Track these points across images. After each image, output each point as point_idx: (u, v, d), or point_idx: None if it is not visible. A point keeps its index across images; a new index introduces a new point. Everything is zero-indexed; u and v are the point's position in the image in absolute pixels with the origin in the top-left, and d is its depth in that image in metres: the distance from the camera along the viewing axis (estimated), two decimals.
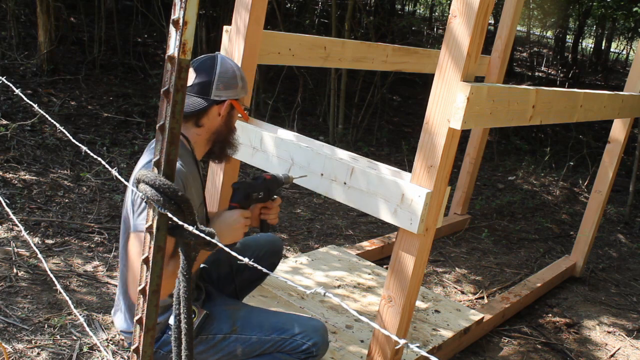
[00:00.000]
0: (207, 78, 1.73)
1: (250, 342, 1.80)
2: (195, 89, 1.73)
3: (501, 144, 7.60)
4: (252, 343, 1.80)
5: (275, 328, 1.82)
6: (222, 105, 1.77)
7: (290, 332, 1.82)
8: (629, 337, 3.39)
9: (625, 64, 16.66)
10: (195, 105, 1.73)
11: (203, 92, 1.73)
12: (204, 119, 1.76)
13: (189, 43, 1.04)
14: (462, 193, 4.58)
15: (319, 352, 1.82)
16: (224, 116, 1.79)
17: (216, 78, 1.74)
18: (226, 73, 1.76)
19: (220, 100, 1.76)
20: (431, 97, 1.92)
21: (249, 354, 1.81)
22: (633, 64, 3.67)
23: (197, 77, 1.73)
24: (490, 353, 3.00)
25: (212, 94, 1.74)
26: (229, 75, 1.77)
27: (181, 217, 1.11)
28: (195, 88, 1.73)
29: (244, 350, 1.80)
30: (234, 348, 1.80)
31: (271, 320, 1.85)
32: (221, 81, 1.75)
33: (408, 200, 1.94)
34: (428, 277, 3.72)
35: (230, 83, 1.77)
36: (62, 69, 6.16)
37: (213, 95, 1.74)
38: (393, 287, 2.06)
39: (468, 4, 1.81)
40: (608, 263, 4.51)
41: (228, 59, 1.82)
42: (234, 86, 1.78)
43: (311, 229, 4.19)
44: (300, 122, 6.37)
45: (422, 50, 3.63)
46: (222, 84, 1.75)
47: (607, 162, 3.83)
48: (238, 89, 1.80)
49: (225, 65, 1.77)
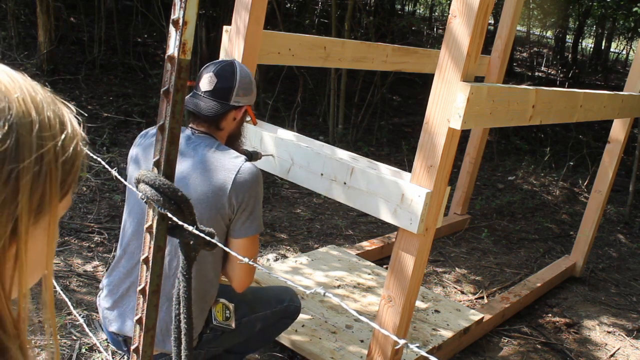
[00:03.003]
0: (229, 84, 1.81)
1: (265, 317, 2.04)
2: (217, 94, 1.80)
3: (501, 144, 7.60)
4: (266, 317, 2.05)
5: (277, 300, 2.10)
6: (240, 111, 1.85)
7: (286, 300, 2.12)
8: (629, 337, 3.39)
9: (625, 64, 16.66)
10: (217, 109, 1.80)
11: (224, 97, 1.80)
12: (223, 122, 1.84)
13: (189, 43, 1.04)
14: (462, 193, 4.58)
15: (300, 309, 2.21)
16: (238, 121, 1.88)
17: (237, 85, 1.81)
18: (245, 80, 1.84)
19: (238, 105, 1.83)
20: (431, 97, 1.92)
21: (264, 327, 2.06)
22: (633, 64, 3.67)
23: (218, 82, 1.80)
24: (490, 353, 3.00)
25: (232, 100, 1.81)
26: (247, 82, 1.85)
27: (181, 217, 1.11)
28: (217, 93, 1.80)
29: (262, 325, 2.04)
30: (254, 325, 2.02)
31: (270, 294, 2.13)
32: (241, 88, 1.83)
33: (408, 200, 1.94)
34: (428, 277, 3.72)
35: (248, 90, 1.86)
36: (62, 69, 6.16)
37: (233, 100, 1.81)
38: (393, 287, 2.06)
39: (468, 4, 1.81)
40: (608, 263, 4.51)
41: (244, 65, 1.90)
42: (250, 93, 1.87)
43: (311, 229, 4.19)
44: (300, 122, 6.37)
45: (422, 50, 3.63)
46: (242, 90, 1.83)
47: (607, 162, 3.83)
48: (252, 96, 1.89)
49: (244, 73, 1.85)
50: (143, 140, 1.85)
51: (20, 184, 0.54)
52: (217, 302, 1.89)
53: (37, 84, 0.61)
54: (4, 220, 0.54)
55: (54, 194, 0.59)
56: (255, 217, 1.77)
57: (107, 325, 1.85)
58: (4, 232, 0.55)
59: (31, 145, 0.55)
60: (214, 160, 1.74)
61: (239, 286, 1.85)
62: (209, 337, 1.88)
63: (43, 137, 0.57)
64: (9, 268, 0.57)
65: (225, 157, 1.75)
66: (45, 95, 0.61)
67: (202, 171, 1.73)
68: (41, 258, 0.61)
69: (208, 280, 1.81)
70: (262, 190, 1.79)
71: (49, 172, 0.57)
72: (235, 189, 1.71)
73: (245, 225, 1.76)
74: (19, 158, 0.54)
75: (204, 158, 1.74)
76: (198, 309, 1.79)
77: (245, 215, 1.75)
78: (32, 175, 0.55)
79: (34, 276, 0.63)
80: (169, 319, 1.68)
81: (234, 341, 2.01)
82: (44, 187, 0.57)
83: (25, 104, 0.57)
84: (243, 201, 1.73)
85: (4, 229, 0.55)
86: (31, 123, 0.56)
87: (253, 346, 2.19)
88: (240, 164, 1.74)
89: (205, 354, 1.92)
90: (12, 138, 0.54)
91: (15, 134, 0.54)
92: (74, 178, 0.62)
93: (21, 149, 0.55)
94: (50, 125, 0.58)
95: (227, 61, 1.86)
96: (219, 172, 1.72)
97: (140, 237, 1.79)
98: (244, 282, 1.84)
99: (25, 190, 0.55)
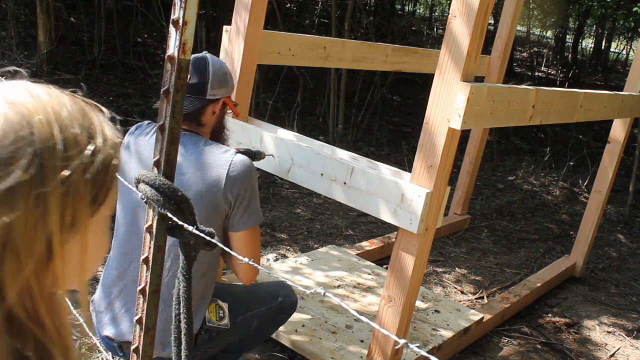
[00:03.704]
0: (202, 78, 1.79)
1: (261, 314, 2.04)
2: (192, 90, 1.78)
3: (501, 144, 7.60)
4: (262, 314, 2.04)
5: (272, 296, 2.09)
6: (217, 104, 1.84)
7: (281, 295, 2.11)
8: (629, 337, 3.39)
9: (625, 64, 16.65)
10: (194, 105, 1.79)
11: (199, 92, 1.79)
12: (203, 117, 1.82)
13: (189, 43, 1.04)
14: (462, 193, 4.58)
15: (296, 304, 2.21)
16: (218, 114, 1.86)
17: (210, 78, 1.80)
18: (218, 72, 1.82)
19: (215, 99, 1.82)
20: (431, 97, 1.92)
21: (261, 324, 2.06)
22: (633, 64, 3.67)
23: (191, 78, 1.78)
24: (490, 353, 3.00)
25: (208, 94, 1.80)
26: (221, 74, 1.83)
27: (181, 217, 1.11)
28: (191, 89, 1.78)
29: (258, 322, 2.04)
30: (250, 323, 2.01)
31: (265, 291, 2.13)
32: (215, 80, 1.81)
33: (408, 200, 1.94)
34: (428, 277, 3.72)
35: (223, 82, 1.84)
36: (62, 69, 6.17)
37: (208, 94, 1.80)
38: (393, 287, 2.06)
39: (468, 4, 1.81)
40: (608, 263, 4.51)
41: (216, 58, 1.88)
42: (225, 84, 1.85)
43: (311, 229, 4.19)
44: (300, 122, 6.37)
45: (422, 50, 3.63)
46: (217, 82, 1.81)
47: (607, 162, 3.82)
48: (229, 87, 1.88)
49: (216, 65, 1.83)
50: (138, 131, 1.85)
51: (49, 207, 0.56)
52: (211, 302, 1.87)
53: (64, 95, 0.62)
54: (39, 241, 0.56)
55: (84, 209, 0.60)
56: (253, 208, 1.77)
57: (100, 329, 1.83)
58: (41, 251, 0.57)
59: (55, 168, 0.57)
60: (203, 157, 1.73)
61: (246, 279, 1.85)
62: (204, 338, 1.86)
63: (68, 157, 0.58)
64: (50, 281, 0.59)
65: (214, 153, 1.74)
66: (72, 107, 0.61)
67: (194, 170, 1.71)
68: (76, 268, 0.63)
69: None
70: (256, 180, 1.78)
71: (77, 190, 0.59)
72: (230, 184, 1.70)
73: (244, 218, 1.75)
74: (45, 182, 0.56)
75: (193, 156, 1.73)
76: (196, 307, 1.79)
77: (242, 209, 1.74)
78: (59, 196, 0.57)
79: (73, 284, 0.65)
80: (163, 320, 1.67)
81: (230, 340, 2.00)
82: (73, 204, 0.58)
83: (49, 125, 0.58)
84: (239, 194, 1.72)
85: (41, 249, 0.57)
86: (55, 145, 0.57)
87: (250, 344, 2.19)
88: (230, 158, 1.72)
89: (202, 355, 1.91)
90: (37, 164, 0.55)
91: (40, 160, 0.56)
92: (108, 186, 0.63)
93: (46, 173, 0.56)
94: (77, 141, 0.59)
95: (199, 56, 1.84)
96: (210, 169, 1.71)
97: (133, 237, 1.78)
98: (250, 275, 1.84)
99: (54, 211, 0.57)
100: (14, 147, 0.55)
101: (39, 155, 0.56)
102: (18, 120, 0.56)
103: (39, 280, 0.58)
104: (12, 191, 0.54)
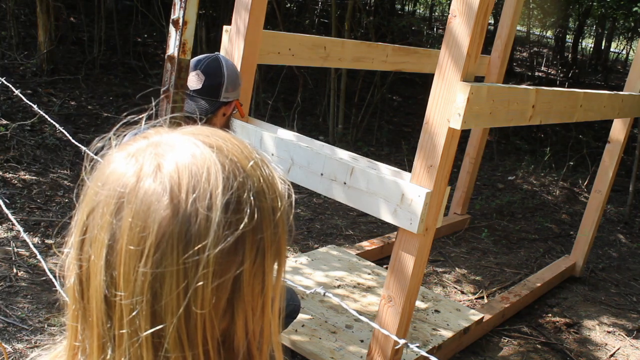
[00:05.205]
0: (217, 81, 1.79)
1: None
2: (207, 92, 1.78)
3: (501, 144, 7.60)
4: None
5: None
6: (229, 106, 1.85)
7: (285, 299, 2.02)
8: (629, 337, 3.39)
9: (625, 64, 16.64)
10: (208, 108, 1.79)
11: (213, 94, 1.79)
12: (214, 119, 1.83)
13: (189, 43, 1.04)
14: (462, 193, 4.58)
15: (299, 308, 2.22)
16: (227, 116, 1.88)
17: (225, 80, 1.80)
18: (232, 75, 1.83)
19: (227, 101, 1.83)
20: (431, 97, 1.92)
21: None
22: (633, 64, 3.67)
23: (206, 80, 1.78)
24: (490, 353, 3.00)
25: (222, 96, 1.80)
26: (235, 76, 1.84)
27: None
28: (205, 91, 1.78)
29: None
30: None
31: None
32: (230, 83, 1.81)
33: (408, 200, 1.94)
34: (428, 277, 3.72)
35: (236, 84, 1.85)
36: (62, 69, 6.16)
37: (222, 97, 1.80)
38: (393, 287, 2.06)
39: (468, 4, 1.81)
40: (608, 263, 4.51)
41: (228, 59, 1.88)
42: (238, 87, 1.87)
43: (311, 229, 4.19)
44: (300, 122, 6.37)
45: (422, 50, 3.63)
46: (231, 85, 1.82)
47: (607, 162, 3.82)
48: (240, 89, 1.89)
49: (230, 68, 1.84)
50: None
51: (266, 250, 0.57)
52: None
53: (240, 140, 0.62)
54: (256, 283, 0.57)
55: (285, 246, 0.61)
56: None
57: None
58: (259, 291, 0.58)
59: (267, 210, 0.58)
60: None
61: None
62: None
63: (273, 199, 0.59)
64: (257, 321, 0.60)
65: None
66: (254, 149, 0.62)
67: None
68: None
69: None
70: None
71: (282, 228, 0.60)
72: None
73: None
74: (264, 227, 0.57)
75: None
76: None
77: None
78: (270, 237, 0.58)
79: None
80: None
81: None
82: (278, 243, 0.59)
83: (258, 168, 0.59)
84: None
85: (258, 289, 0.58)
86: (264, 189, 0.58)
87: None
88: None
89: None
90: (257, 210, 0.56)
91: (258, 204, 0.57)
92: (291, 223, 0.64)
93: (263, 217, 0.57)
94: (273, 182, 0.60)
95: (211, 56, 1.83)
96: None
97: None
98: None
99: (269, 252, 0.58)
100: (237, 194, 0.55)
101: (256, 199, 0.56)
102: (232, 167, 0.56)
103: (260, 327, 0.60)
104: (242, 240, 0.55)
